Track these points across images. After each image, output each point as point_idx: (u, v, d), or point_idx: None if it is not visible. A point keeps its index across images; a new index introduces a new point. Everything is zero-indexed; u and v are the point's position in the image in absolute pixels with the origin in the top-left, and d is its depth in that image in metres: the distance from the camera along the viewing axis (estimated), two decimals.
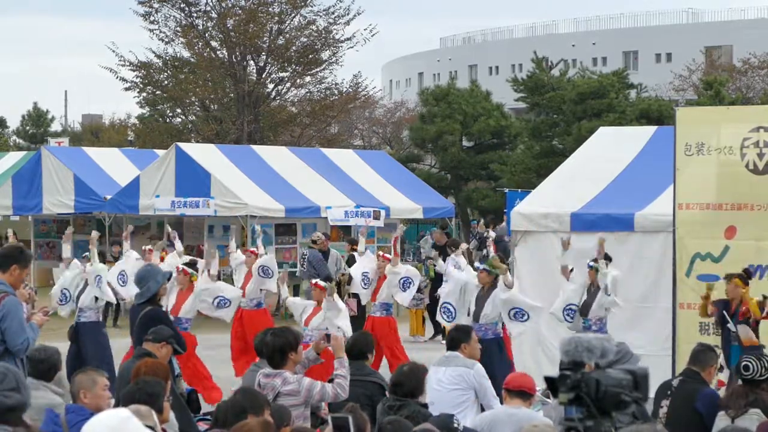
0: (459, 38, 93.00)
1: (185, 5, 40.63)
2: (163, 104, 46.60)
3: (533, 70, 49.39)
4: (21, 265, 9.60)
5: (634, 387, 4.89)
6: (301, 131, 44.13)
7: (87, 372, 8.31)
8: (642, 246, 15.48)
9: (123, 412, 5.50)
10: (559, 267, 15.16)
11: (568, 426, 4.84)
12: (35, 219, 29.38)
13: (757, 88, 50.88)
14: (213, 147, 28.20)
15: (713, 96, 42.66)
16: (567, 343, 5.14)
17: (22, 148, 58.84)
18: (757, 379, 9.93)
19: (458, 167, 49.61)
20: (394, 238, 18.93)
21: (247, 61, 41.24)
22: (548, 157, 43.77)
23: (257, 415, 7.52)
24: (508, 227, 19.28)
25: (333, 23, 41.06)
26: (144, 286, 13.23)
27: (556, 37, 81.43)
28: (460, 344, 11.17)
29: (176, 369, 11.66)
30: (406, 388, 9.40)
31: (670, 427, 9.70)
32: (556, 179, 17.34)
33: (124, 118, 64.10)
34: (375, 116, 62.21)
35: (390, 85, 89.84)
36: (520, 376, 9.82)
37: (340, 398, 9.41)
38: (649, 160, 16.14)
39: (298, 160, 27.33)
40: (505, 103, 52.81)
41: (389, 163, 30.31)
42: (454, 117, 48.63)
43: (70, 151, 32.92)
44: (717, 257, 13.70)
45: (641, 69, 73.03)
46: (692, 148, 13.79)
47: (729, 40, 71.09)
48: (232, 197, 24.69)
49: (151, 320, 12.27)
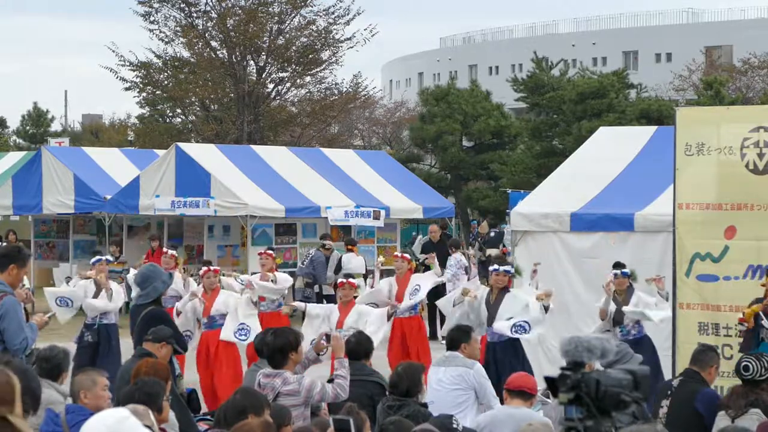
0: (459, 38, 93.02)
1: (185, 5, 40.63)
2: (163, 104, 46.65)
3: (533, 70, 49.42)
4: (19, 264, 9.60)
5: (634, 387, 4.89)
6: (301, 131, 44.13)
7: (87, 372, 8.32)
8: (642, 246, 15.48)
9: (121, 411, 5.51)
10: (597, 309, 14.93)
11: (568, 426, 4.84)
12: (35, 219, 29.38)
13: (757, 88, 50.89)
14: (213, 147, 28.19)
15: (713, 96, 42.68)
16: (567, 343, 5.13)
17: (22, 148, 58.82)
18: (757, 379, 9.93)
19: (458, 167, 49.64)
20: (376, 263, 18.83)
21: (247, 61, 41.24)
22: (548, 157, 43.79)
23: (257, 415, 7.52)
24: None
25: (333, 23, 41.08)
26: (149, 286, 13.11)
27: (556, 37, 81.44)
28: (460, 344, 11.18)
29: (176, 369, 11.65)
30: (401, 388, 9.42)
31: (670, 427, 9.70)
32: (556, 179, 17.34)
33: (124, 118, 64.21)
34: (375, 116, 62.22)
35: (390, 85, 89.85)
36: (521, 376, 9.82)
37: (340, 398, 9.41)
38: (649, 160, 16.14)
39: (298, 160, 27.33)
40: (505, 103, 52.84)
41: (389, 163, 30.31)
42: (454, 117, 48.66)
43: (70, 151, 32.93)
44: (717, 257, 13.69)
45: (641, 69, 73.03)
46: (692, 148, 13.78)
47: (729, 40, 71.09)
48: (232, 197, 24.69)
49: (152, 320, 12.25)
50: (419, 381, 9.53)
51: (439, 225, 27.08)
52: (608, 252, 15.53)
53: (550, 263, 15.95)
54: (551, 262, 15.97)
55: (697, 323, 13.39)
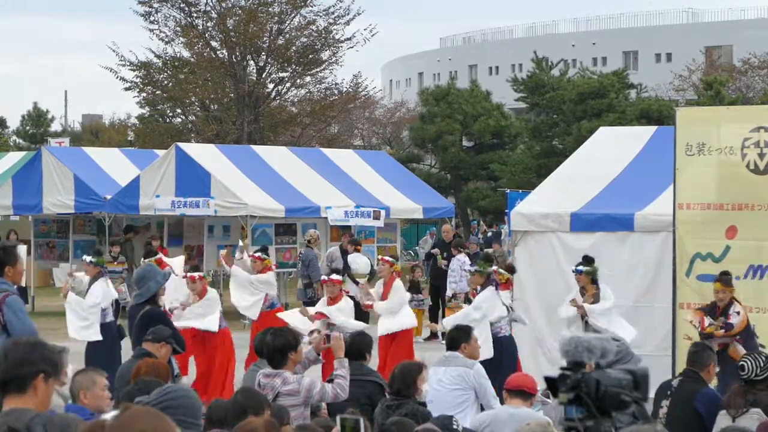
0: (459, 38, 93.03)
1: (185, 5, 40.61)
2: (163, 104, 46.59)
3: (533, 70, 49.41)
4: (11, 263, 9.67)
5: (634, 387, 4.88)
6: (301, 131, 44.12)
7: (86, 372, 8.31)
8: (641, 246, 15.48)
9: None
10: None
11: (568, 426, 4.84)
12: (35, 219, 29.37)
13: (757, 88, 50.88)
14: (213, 147, 28.19)
15: (713, 96, 42.69)
16: (567, 343, 5.14)
17: (22, 148, 58.83)
18: (753, 379, 9.94)
19: (458, 167, 49.63)
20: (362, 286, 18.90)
21: (247, 61, 41.22)
22: (548, 157, 43.79)
23: (257, 415, 7.52)
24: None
25: (333, 23, 41.06)
26: (144, 286, 13.19)
27: (556, 37, 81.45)
28: (460, 344, 11.17)
29: (175, 369, 11.65)
30: (395, 387, 9.43)
31: (670, 427, 9.70)
32: (556, 179, 17.33)
33: (124, 118, 64.15)
34: (375, 116, 62.22)
35: (390, 85, 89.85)
36: (520, 375, 9.82)
37: (340, 398, 9.41)
38: (649, 160, 16.14)
39: (298, 160, 27.33)
40: (505, 103, 52.85)
41: (389, 163, 30.31)
42: (454, 117, 48.66)
43: (70, 151, 32.93)
44: (718, 257, 13.70)
45: (641, 69, 73.04)
46: (693, 148, 13.79)
47: (729, 40, 71.10)
48: (232, 197, 24.68)
49: (150, 320, 12.25)
50: (415, 381, 9.51)
51: (452, 225, 27.18)
52: (608, 252, 15.52)
53: (550, 263, 15.94)
54: (551, 262, 15.97)
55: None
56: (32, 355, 5.40)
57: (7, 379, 5.39)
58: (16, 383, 5.36)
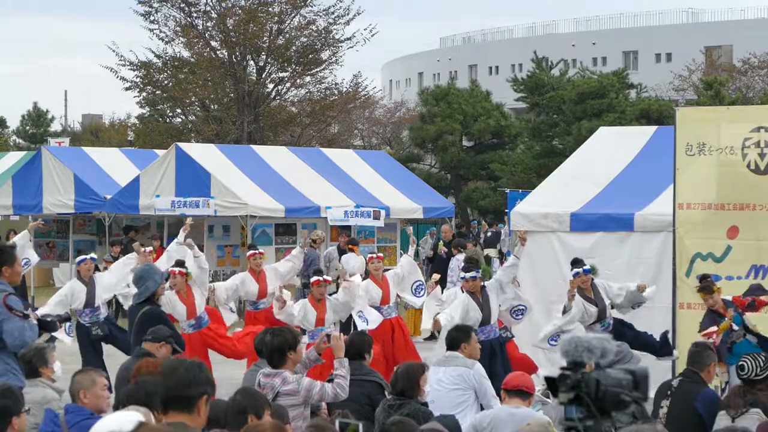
0: (459, 38, 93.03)
1: (185, 5, 40.62)
2: (163, 104, 46.60)
3: (533, 70, 49.42)
4: (9, 263, 9.68)
5: (634, 387, 4.88)
6: (301, 131, 44.14)
7: (86, 372, 8.31)
8: (641, 246, 15.47)
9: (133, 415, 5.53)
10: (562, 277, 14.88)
11: (568, 426, 4.83)
12: (35, 219, 29.33)
13: (757, 88, 50.89)
14: (213, 147, 28.18)
15: (713, 96, 42.70)
16: (567, 343, 5.12)
17: (22, 148, 58.83)
18: (753, 379, 9.94)
19: (458, 167, 49.65)
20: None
21: (247, 61, 41.24)
22: (548, 157, 43.81)
23: (257, 415, 7.51)
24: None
25: (333, 23, 41.09)
26: (142, 285, 13.20)
27: (556, 37, 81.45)
28: (460, 344, 11.16)
29: None
30: (398, 387, 9.43)
31: (670, 427, 9.70)
32: (556, 179, 17.33)
33: (124, 118, 64.19)
34: (375, 116, 62.22)
35: (390, 85, 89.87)
36: (518, 375, 9.81)
37: (340, 398, 9.41)
38: (649, 160, 16.14)
39: (298, 160, 27.32)
40: (505, 103, 52.87)
41: (389, 163, 30.30)
42: (454, 117, 48.67)
43: (70, 151, 32.90)
44: (719, 257, 13.70)
45: (641, 69, 73.06)
46: (693, 148, 13.79)
47: (729, 40, 71.10)
48: (232, 197, 24.68)
49: (149, 320, 12.26)
50: (417, 382, 9.52)
51: (452, 225, 27.17)
52: (608, 252, 15.52)
53: (550, 263, 15.94)
54: (550, 262, 15.96)
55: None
56: (199, 377, 5.61)
57: (172, 397, 5.59)
58: (182, 402, 5.57)
